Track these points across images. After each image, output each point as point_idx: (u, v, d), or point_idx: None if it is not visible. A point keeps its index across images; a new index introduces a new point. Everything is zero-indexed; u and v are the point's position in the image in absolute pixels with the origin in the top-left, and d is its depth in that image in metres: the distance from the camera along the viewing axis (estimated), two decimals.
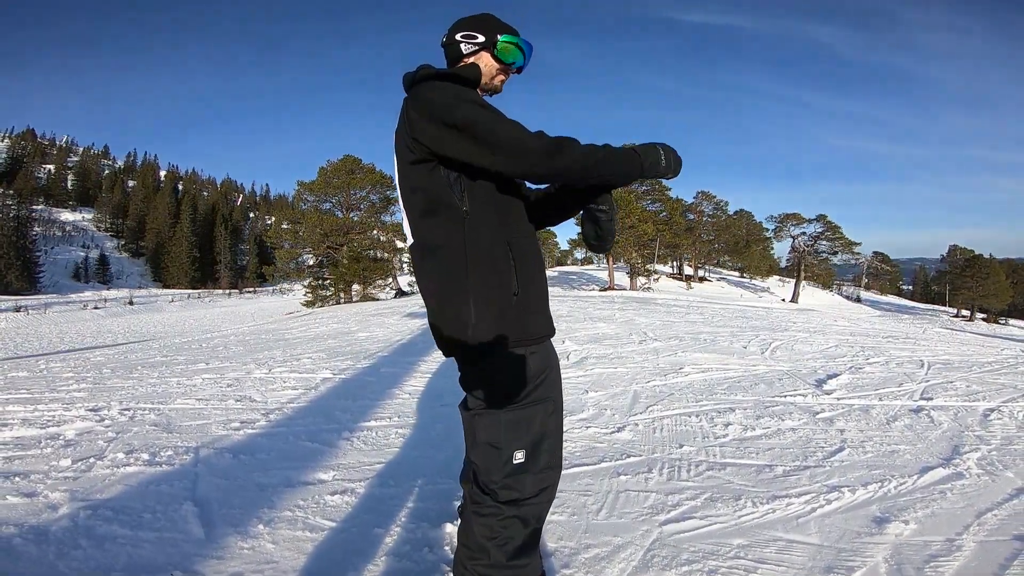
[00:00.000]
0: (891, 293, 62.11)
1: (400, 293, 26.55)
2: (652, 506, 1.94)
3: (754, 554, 1.64)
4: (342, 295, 25.39)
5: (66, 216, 79.07)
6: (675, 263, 45.98)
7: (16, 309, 30.52)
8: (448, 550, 1.65)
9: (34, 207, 59.60)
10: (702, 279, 42.83)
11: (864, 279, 50.60)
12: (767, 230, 43.99)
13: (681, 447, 2.55)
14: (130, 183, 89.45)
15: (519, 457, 1.12)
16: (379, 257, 26.81)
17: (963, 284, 39.56)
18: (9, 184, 65.93)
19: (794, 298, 37.04)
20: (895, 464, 2.35)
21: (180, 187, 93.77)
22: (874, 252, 50.13)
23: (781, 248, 47.93)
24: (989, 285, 38.22)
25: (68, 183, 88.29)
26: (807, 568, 1.56)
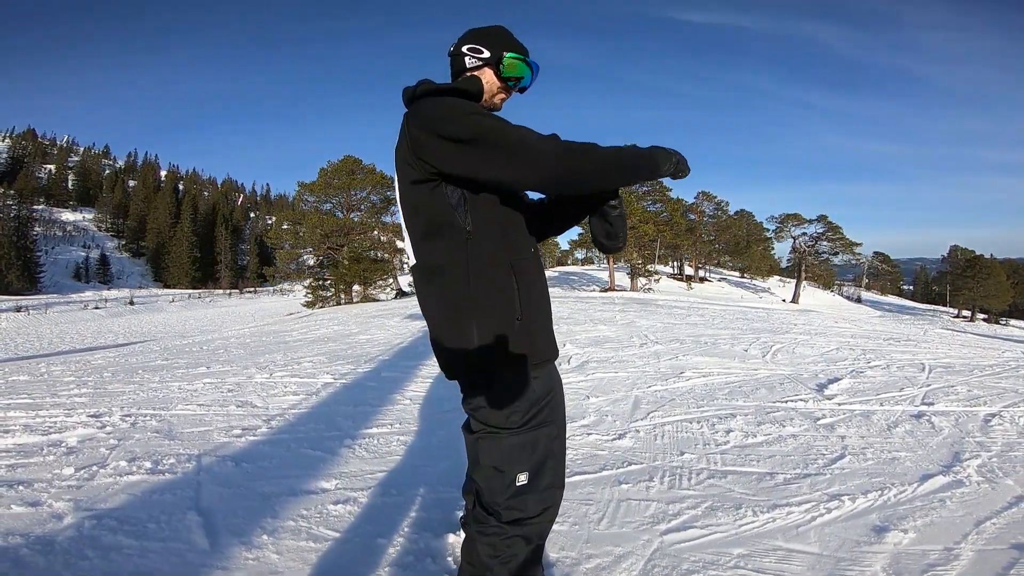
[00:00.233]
0: (892, 293, 62.06)
1: (400, 293, 26.56)
2: (653, 515, 1.94)
3: (754, 563, 1.64)
4: (342, 296, 25.38)
5: (67, 216, 79.09)
6: (676, 263, 45.97)
7: (17, 309, 30.53)
8: (451, 560, 1.66)
9: (35, 207, 59.65)
10: (703, 279, 42.79)
11: (865, 279, 50.61)
12: (768, 230, 44.00)
13: (682, 454, 2.55)
14: (131, 183, 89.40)
15: (522, 479, 1.12)
16: (379, 258, 26.80)
17: (964, 285, 39.51)
18: (10, 184, 65.95)
19: (795, 299, 37.03)
20: (895, 472, 2.36)
21: (181, 187, 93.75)
22: (875, 252, 50.19)
23: (782, 248, 47.92)
24: (990, 286, 38.19)
25: (69, 183, 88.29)
26: None
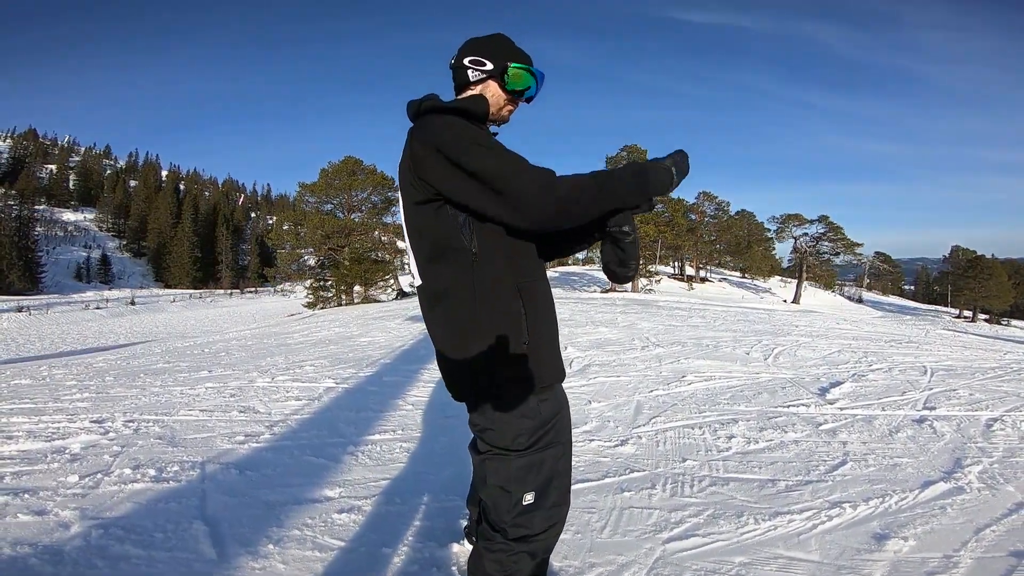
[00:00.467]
0: (893, 293, 61.98)
1: (401, 294, 26.56)
2: (656, 523, 1.95)
3: (755, 572, 1.66)
4: (343, 297, 25.39)
5: (68, 216, 79.17)
6: (677, 264, 45.92)
7: (18, 309, 30.50)
8: (455, 570, 1.67)
9: (36, 207, 59.62)
10: (704, 280, 42.75)
11: (866, 279, 50.54)
12: (769, 231, 43.91)
13: (684, 461, 2.56)
14: (132, 183, 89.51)
15: (529, 499, 1.13)
16: (380, 258, 26.80)
17: (965, 285, 39.40)
18: (11, 184, 66.03)
19: (796, 299, 37.01)
20: (897, 478, 2.37)
21: (182, 187, 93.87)
22: (876, 252, 50.10)
23: (783, 249, 47.91)
24: (991, 286, 38.09)
25: (70, 183, 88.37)
26: None
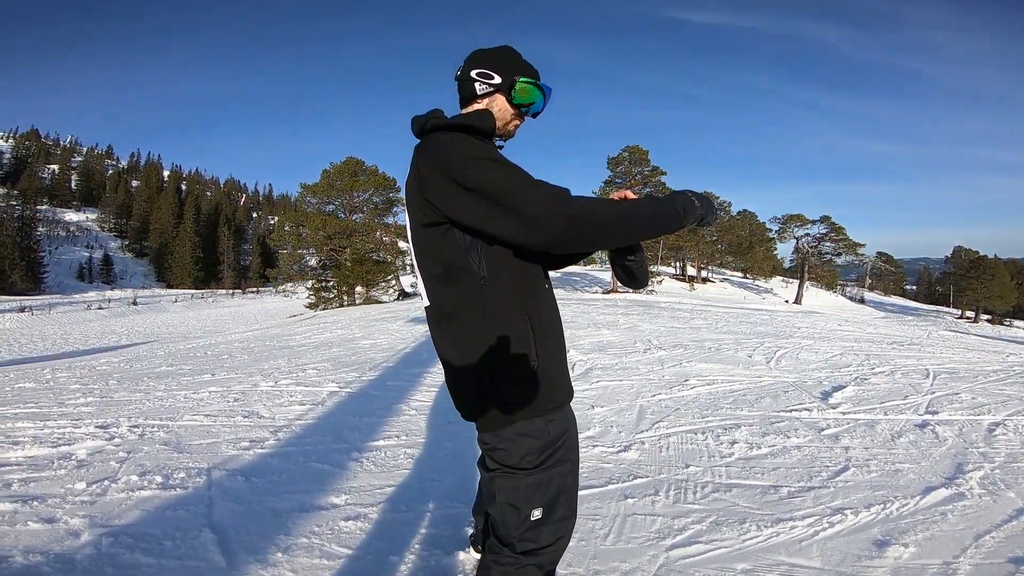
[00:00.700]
0: (895, 294, 61.86)
1: (403, 294, 26.59)
2: (659, 530, 1.96)
3: None
4: (345, 298, 25.42)
5: (70, 216, 79.43)
6: (678, 264, 45.86)
7: (21, 309, 30.63)
8: None
9: (38, 207, 59.92)
10: (705, 280, 42.69)
11: (868, 280, 50.43)
12: (770, 231, 43.81)
13: (687, 467, 2.57)
14: (134, 183, 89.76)
15: (537, 515, 1.13)
16: (382, 259, 26.82)
17: (968, 285, 39.26)
18: (13, 184, 66.36)
19: (797, 300, 36.94)
20: (898, 484, 2.38)
21: (184, 187, 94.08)
22: (878, 252, 50.03)
23: (784, 249, 47.82)
24: (994, 287, 37.96)
25: (72, 183, 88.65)
26: None
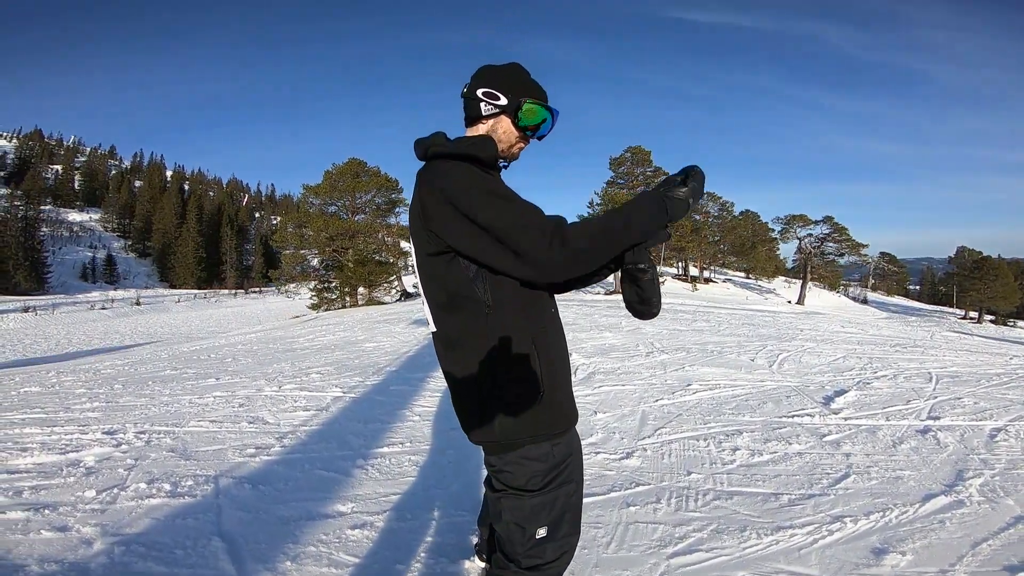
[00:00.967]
0: (898, 294, 61.58)
1: (405, 295, 26.63)
2: (660, 538, 1.98)
3: None
4: (347, 299, 25.46)
5: (73, 216, 79.63)
6: (681, 264, 45.80)
7: (24, 309, 30.74)
8: None
9: (42, 208, 60.11)
10: (708, 280, 42.63)
11: (871, 280, 50.27)
12: (773, 231, 43.71)
13: (689, 474, 2.59)
14: (137, 183, 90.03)
15: (542, 533, 1.16)
16: (385, 260, 26.86)
17: (971, 286, 39.02)
18: (17, 185, 66.57)
19: (800, 300, 36.86)
20: (898, 492, 2.39)
21: (186, 187, 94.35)
22: (881, 253, 49.86)
23: (787, 249, 47.67)
24: (997, 287, 37.72)
25: (75, 183, 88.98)
26: None
